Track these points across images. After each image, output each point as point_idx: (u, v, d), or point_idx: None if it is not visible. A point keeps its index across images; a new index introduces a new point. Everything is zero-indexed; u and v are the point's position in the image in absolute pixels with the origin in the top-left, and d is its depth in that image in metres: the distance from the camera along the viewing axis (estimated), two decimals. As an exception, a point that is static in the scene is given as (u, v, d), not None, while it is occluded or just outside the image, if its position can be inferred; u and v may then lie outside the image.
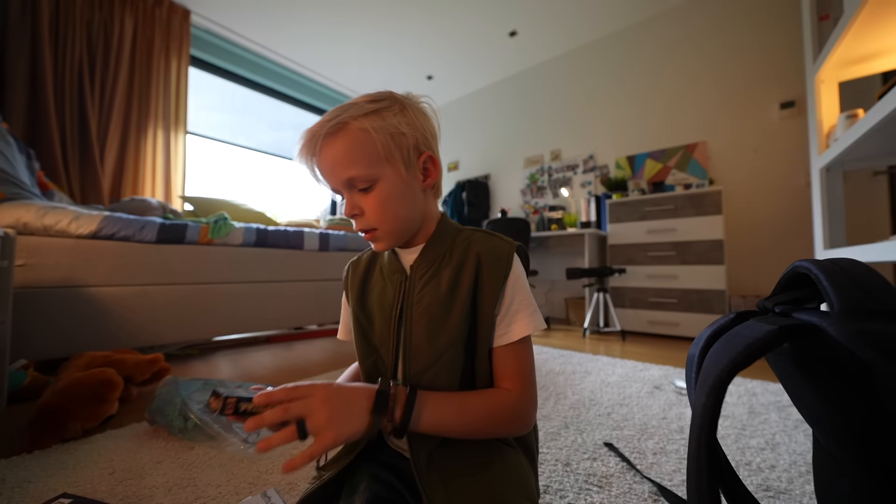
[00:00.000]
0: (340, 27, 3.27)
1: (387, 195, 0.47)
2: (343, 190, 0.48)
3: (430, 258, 0.51)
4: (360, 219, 0.48)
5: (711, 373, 0.31)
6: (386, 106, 0.46)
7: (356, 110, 0.45)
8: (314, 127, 0.46)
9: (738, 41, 2.67)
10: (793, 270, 0.36)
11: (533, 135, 3.85)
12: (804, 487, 0.74)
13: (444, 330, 0.48)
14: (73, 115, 2.40)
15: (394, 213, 0.48)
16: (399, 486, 0.50)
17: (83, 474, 0.78)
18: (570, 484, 0.76)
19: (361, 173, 0.45)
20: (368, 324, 0.55)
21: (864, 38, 1.18)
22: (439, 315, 0.48)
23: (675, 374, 1.53)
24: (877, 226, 2.11)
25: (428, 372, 0.48)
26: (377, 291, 0.54)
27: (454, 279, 0.49)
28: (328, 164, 0.46)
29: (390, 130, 0.46)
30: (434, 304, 0.49)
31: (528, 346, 0.50)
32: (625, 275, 2.57)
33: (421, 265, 0.51)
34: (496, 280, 0.48)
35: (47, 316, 1.24)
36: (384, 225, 0.48)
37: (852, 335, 0.26)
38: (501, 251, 0.49)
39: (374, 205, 0.47)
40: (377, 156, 0.45)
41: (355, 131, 0.45)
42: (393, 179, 0.47)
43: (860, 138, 1.08)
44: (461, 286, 0.48)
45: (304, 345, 2.24)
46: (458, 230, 0.54)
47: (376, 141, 0.45)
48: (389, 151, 0.46)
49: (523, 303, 0.49)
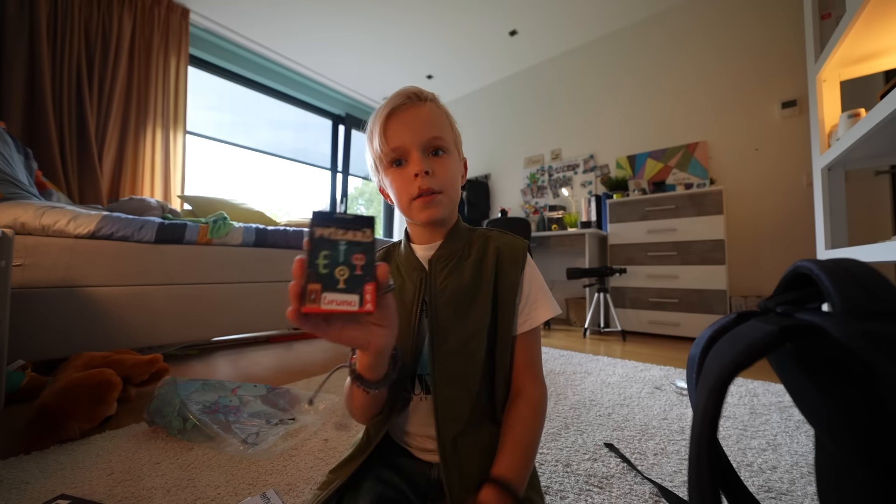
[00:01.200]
0: (340, 26, 3.27)
1: (454, 168, 0.53)
2: (417, 149, 0.50)
3: (449, 252, 0.54)
4: (429, 178, 0.49)
5: (713, 373, 0.30)
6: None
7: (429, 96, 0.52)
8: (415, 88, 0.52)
9: (738, 40, 2.66)
10: (794, 270, 0.35)
11: (533, 134, 3.85)
12: (806, 489, 0.74)
13: (470, 316, 0.51)
14: (72, 115, 2.40)
15: (455, 185, 0.53)
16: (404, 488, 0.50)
17: (81, 475, 0.78)
18: (571, 485, 0.75)
19: (447, 137, 0.52)
20: None
21: (867, 36, 1.17)
22: (465, 302, 0.51)
23: (675, 375, 1.53)
24: (879, 225, 2.10)
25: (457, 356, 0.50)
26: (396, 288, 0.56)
27: (476, 270, 0.53)
28: (422, 118, 0.50)
29: (454, 125, 0.56)
30: (459, 292, 0.52)
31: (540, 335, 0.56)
32: (625, 275, 2.57)
33: (441, 259, 0.53)
34: (515, 271, 0.53)
35: (45, 316, 1.24)
36: (449, 190, 0.52)
37: (854, 335, 0.25)
38: (517, 246, 0.55)
39: (446, 169, 0.51)
40: (451, 134, 0.54)
41: (443, 109, 0.53)
42: (456, 159, 0.54)
43: (862, 138, 1.08)
44: (484, 276, 0.53)
45: (303, 345, 2.24)
46: (472, 229, 0.58)
47: (451, 125, 0.54)
48: (456, 137, 0.55)
49: (540, 290, 0.55)
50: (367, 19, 3.16)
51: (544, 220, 3.46)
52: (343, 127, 4.56)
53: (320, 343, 2.28)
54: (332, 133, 4.54)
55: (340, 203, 4.47)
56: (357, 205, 5.21)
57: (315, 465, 0.83)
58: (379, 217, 5.29)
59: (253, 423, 1.01)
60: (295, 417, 1.07)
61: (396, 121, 0.50)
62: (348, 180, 4.55)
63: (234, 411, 1.04)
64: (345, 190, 4.51)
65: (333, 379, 0.51)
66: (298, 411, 1.12)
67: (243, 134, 3.70)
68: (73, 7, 2.40)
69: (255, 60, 3.61)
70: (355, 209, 5.08)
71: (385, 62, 3.83)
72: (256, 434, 0.94)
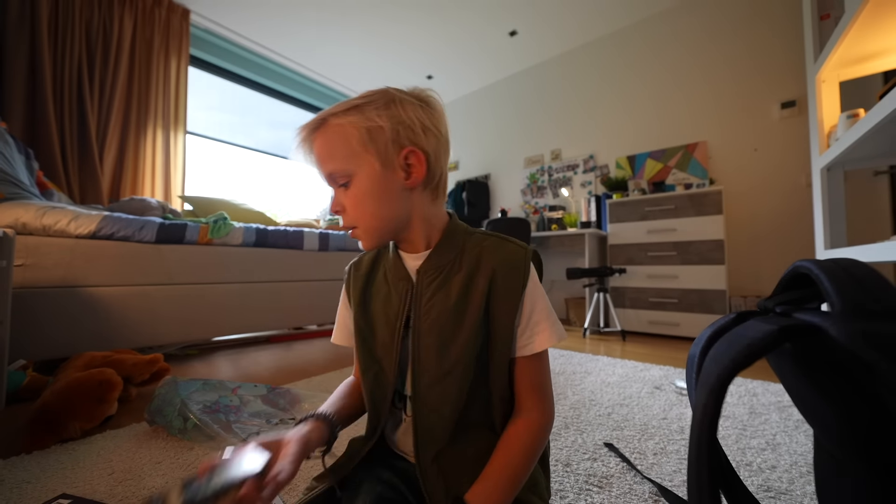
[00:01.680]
0: (340, 26, 3.27)
1: (363, 191, 0.46)
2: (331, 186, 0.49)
3: (437, 264, 0.48)
4: (344, 215, 0.48)
5: (712, 373, 0.31)
6: (369, 101, 0.45)
7: (339, 108, 0.45)
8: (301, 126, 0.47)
9: (738, 40, 2.66)
10: (793, 270, 0.35)
11: (533, 134, 3.85)
12: (805, 488, 0.74)
13: (454, 343, 0.46)
14: (73, 115, 2.40)
15: (371, 210, 0.46)
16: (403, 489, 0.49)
17: (82, 475, 0.78)
18: (571, 484, 0.75)
19: (337, 168, 0.46)
20: (370, 332, 0.53)
21: (866, 37, 1.17)
22: (449, 328, 0.47)
23: (675, 375, 1.53)
24: (878, 226, 2.11)
25: (438, 385, 0.47)
26: (381, 298, 0.52)
27: (464, 289, 0.47)
28: (315, 159, 0.48)
29: (366, 124, 0.44)
30: (443, 316, 0.47)
31: (547, 357, 0.50)
32: (625, 275, 2.57)
33: (428, 272, 0.48)
34: (513, 290, 0.46)
35: (46, 316, 1.24)
36: (361, 222, 0.47)
37: (854, 335, 0.25)
38: (517, 259, 0.48)
39: (351, 201, 0.46)
40: (352, 150, 0.45)
41: (333, 127, 0.45)
42: (368, 175, 0.45)
43: (861, 138, 1.08)
44: (473, 297, 0.47)
45: (303, 345, 2.24)
46: (468, 234, 0.51)
47: (350, 135, 0.44)
48: (364, 145, 0.44)
49: (543, 312, 0.48)
50: (367, 20, 3.16)
51: (544, 220, 3.46)
52: (343, 127, 4.55)
53: (320, 343, 2.28)
54: (332, 133, 4.54)
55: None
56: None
57: (315, 464, 0.83)
58: (379, 217, 5.28)
59: (253, 422, 1.01)
60: (295, 417, 1.07)
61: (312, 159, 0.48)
62: (348, 180, 4.55)
63: (234, 411, 1.04)
64: (345, 190, 4.50)
65: (332, 379, 0.51)
66: (298, 411, 1.13)
67: (243, 134, 3.71)
68: (73, 8, 2.41)
69: (255, 61, 3.61)
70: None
71: (385, 62, 3.83)
72: (257, 434, 0.95)
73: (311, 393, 1.23)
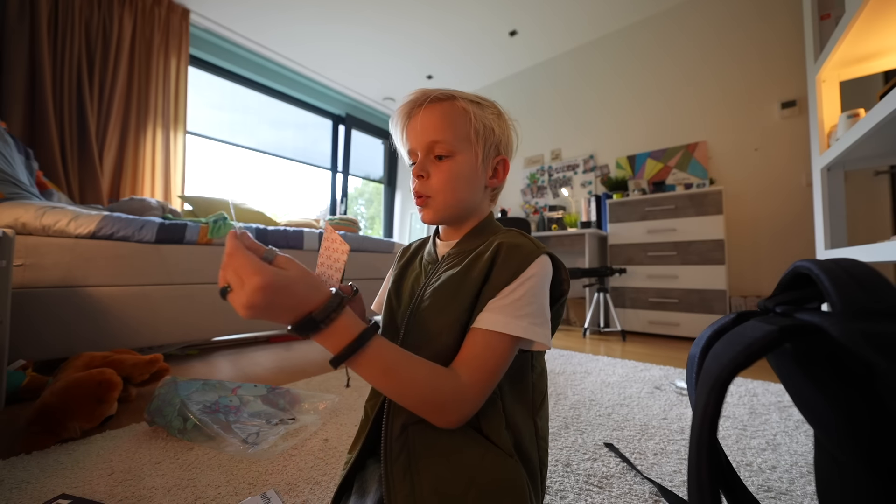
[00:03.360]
0: (340, 26, 3.27)
1: (457, 172, 0.51)
2: (421, 151, 0.51)
3: (460, 250, 0.53)
4: (423, 182, 0.52)
5: (712, 373, 0.30)
6: (488, 105, 0.54)
7: (465, 94, 0.52)
8: (425, 88, 0.51)
9: (738, 40, 2.66)
10: (794, 270, 0.35)
11: (533, 134, 3.85)
12: (805, 488, 0.74)
13: (447, 310, 0.47)
14: (72, 115, 2.40)
15: (454, 189, 0.51)
16: None
17: (82, 475, 0.78)
18: (571, 484, 0.75)
19: (447, 140, 0.50)
20: (397, 302, 0.57)
21: (866, 37, 1.17)
22: (447, 295, 0.49)
23: (675, 375, 1.53)
24: (878, 225, 2.10)
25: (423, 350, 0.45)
26: (413, 277, 0.57)
27: (471, 263, 0.50)
28: (423, 122, 0.50)
29: (485, 122, 0.52)
30: (445, 284, 0.49)
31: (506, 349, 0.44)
32: (625, 275, 2.57)
33: (450, 256, 0.54)
34: (508, 268, 0.46)
35: (46, 316, 1.24)
36: (440, 196, 0.51)
37: (854, 335, 0.25)
38: (524, 248, 0.48)
39: (443, 175, 0.51)
40: (466, 135, 0.51)
41: (459, 107, 0.51)
42: (468, 161, 0.51)
43: (861, 138, 1.08)
44: (475, 268, 0.48)
45: (303, 345, 2.24)
46: (497, 230, 0.56)
47: (472, 123, 0.51)
48: (477, 136, 0.51)
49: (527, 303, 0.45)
50: (367, 19, 3.16)
51: (544, 220, 3.46)
52: (343, 127, 4.56)
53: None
54: (332, 133, 4.55)
55: (340, 203, 4.47)
56: (357, 205, 5.21)
57: (315, 465, 0.83)
58: (379, 217, 5.29)
59: (253, 422, 1.01)
60: (295, 417, 1.07)
61: (409, 125, 0.52)
62: (348, 180, 4.55)
63: (234, 411, 1.04)
64: (345, 190, 4.51)
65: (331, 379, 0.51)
66: (298, 411, 1.13)
67: (243, 134, 3.71)
68: (73, 8, 2.41)
69: (254, 60, 3.61)
70: (355, 209, 5.08)
71: (385, 62, 3.83)
72: (257, 434, 0.94)
73: (311, 393, 1.23)
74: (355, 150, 4.68)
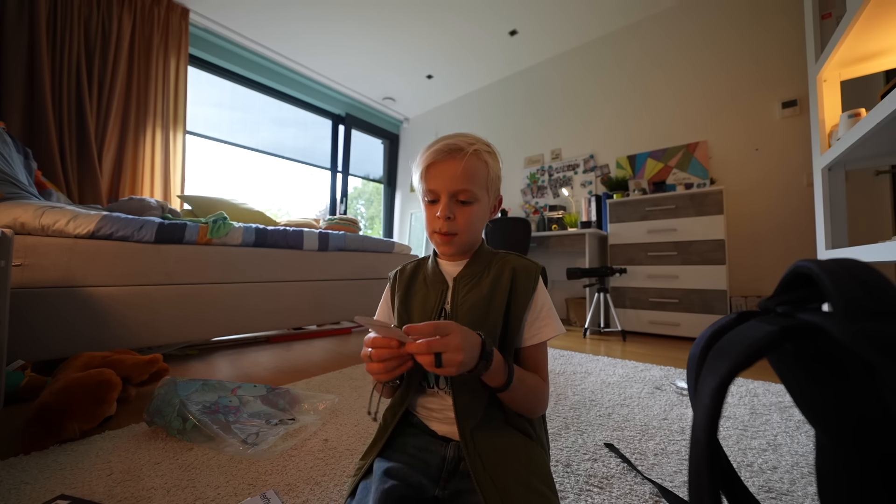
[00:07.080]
0: (340, 26, 3.27)
1: (476, 214, 0.60)
2: (446, 195, 0.58)
3: (472, 272, 0.63)
4: (450, 223, 0.59)
5: (713, 373, 0.30)
6: (494, 152, 0.63)
7: (483, 146, 0.60)
8: (460, 142, 0.58)
9: (739, 41, 2.66)
10: (794, 270, 0.35)
11: (533, 134, 3.85)
12: (806, 489, 0.74)
13: (486, 324, 0.57)
14: (71, 114, 2.40)
15: (473, 228, 0.61)
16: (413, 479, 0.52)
17: (81, 476, 0.78)
18: (571, 485, 0.75)
19: (472, 189, 0.58)
20: (409, 319, 0.64)
21: (867, 36, 1.17)
22: (482, 312, 0.58)
23: (676, 375, 1.53)
24: (879, 225, 2.10)
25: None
26: (420, 296, 0.64)
27: (493, 285, 0.60)
28: (455, 172, 0.57)
29: (496, 172, 0.63)
30: (478, 303, 0.59)
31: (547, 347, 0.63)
32: (625, 275, 2.56)
33: (464, 277, 0.62)
34: (527, 290, 0.60)
35: (45, 316, 1.24)
36: (464, 235, 0.60)
37: (855, 335, 0.25)
38: (531, 269, 0.62)
39: (467, 217, 0.59)
40: (484, 184, 0.60)
41: (483, 161, 0.60)
42: (484, 204, 0.62)
43: (862, 137, 1.08)
44: (499, 291, 0.59)
45: (303, 345, 2.24)
46: (494, 252, 0.66)
47: (489, 174, 0.61)
48: (490, 183, 0.61)
49: (550, 311, 0.61)
50: (367, 19, 3.16)
51: (544, 220, 3.46)
52: (343, 127, 4.56)
53: (320, 343, 2.28)
54: (332, 133, 4.55)
55: (340, 203, 4.47)
56: (357, 205, 5.21)
57: (315, 465, 0.83)
58: (379, 217, 5.30)
59: (253, 423, 1.01)
60: (295, 417, 1.07)
61: (436, 169, 0.58)
62: (348, 180, 4.55)
63: (233, 411, 1.04)
64: (344, 190, 4.51)
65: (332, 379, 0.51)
66: (298, 411, 1.12)
67: (243, 133, 3.70)
68: (72, 7, 2.40)
69: (254, 60, 3.61)
70: (355, 209, 5.08)
71: (385, 62, 3.83)
72: (256, 434, 0.94)
73: (310, 393, 1.23)
74: (355, 149, 4.68)
